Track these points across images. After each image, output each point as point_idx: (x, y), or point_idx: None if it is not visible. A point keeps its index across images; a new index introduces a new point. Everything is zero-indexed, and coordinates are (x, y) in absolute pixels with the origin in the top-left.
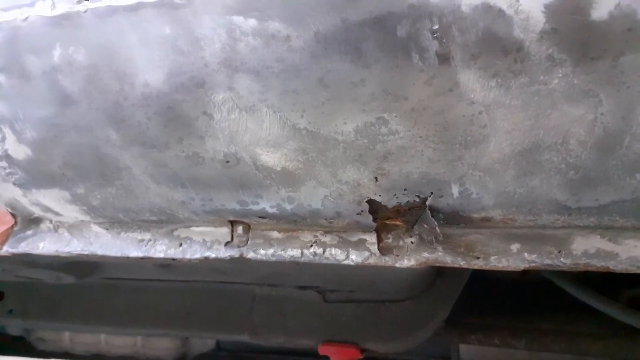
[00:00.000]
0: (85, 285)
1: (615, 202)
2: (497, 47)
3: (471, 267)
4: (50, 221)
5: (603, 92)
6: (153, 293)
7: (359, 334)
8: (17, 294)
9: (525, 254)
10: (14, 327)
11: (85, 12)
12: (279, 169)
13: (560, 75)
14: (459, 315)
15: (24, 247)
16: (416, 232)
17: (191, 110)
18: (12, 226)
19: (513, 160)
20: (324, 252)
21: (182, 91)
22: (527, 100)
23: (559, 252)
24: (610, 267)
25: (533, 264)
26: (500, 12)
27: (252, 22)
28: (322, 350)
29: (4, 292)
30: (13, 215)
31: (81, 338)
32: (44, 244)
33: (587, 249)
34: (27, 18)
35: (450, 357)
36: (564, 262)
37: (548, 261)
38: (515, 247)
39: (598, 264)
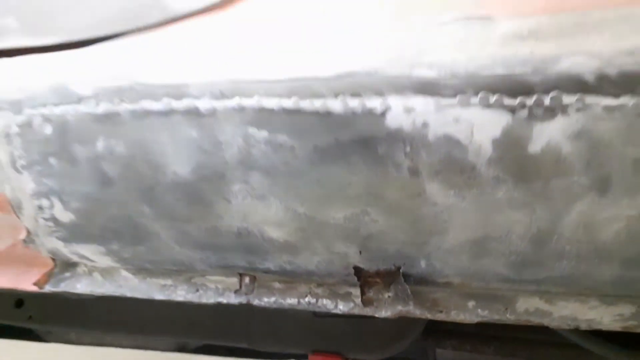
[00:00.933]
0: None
1: (548, 277)
2: (456, 167)
3: (436, 319)
4: (85, 265)
5: (536, 204)
6: (160, 304)
7: (344, 345)
8: (36, 301)
9: (479, 310)
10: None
11: (124, 112)
12: (281, 240)
13: (504, 190)
14: (435, 323)
15: (63, 287)
16: (392, 290)
17: (212, 196)
18: (52, 269)
19: (467, 246)
20: (317, 301)
21: (205, 181)
22: (478, 205)
23: (506, 309)
24: (545, 323)
25: (485, 318)
26: (458, 142)
27: (264, 133)
28: (312, 359)
29: (23, 299)
30: (53, 260)
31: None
32: (80, 285)
33: (528, 308)
34: (75, 113)
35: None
36: (509, 317)
37: (497, 316)
38: (471, 304)
39: (536, 320)
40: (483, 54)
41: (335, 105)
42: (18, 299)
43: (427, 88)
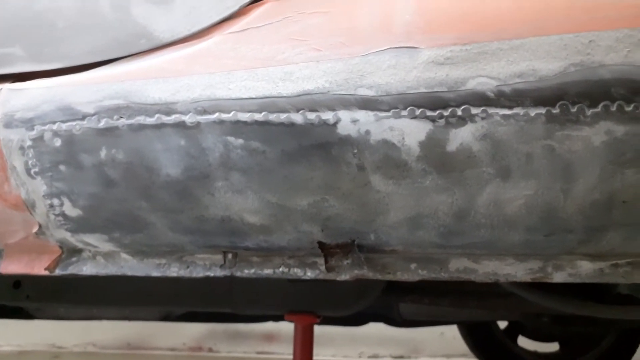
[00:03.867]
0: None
1: (471, 243)
2: (392, 163)
3: (386, 279)
4: (90, 251)
5: (456, 189)
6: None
7: (316, 304)
8: (32, 281)
9: (419, 270)
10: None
11: (122, 126)
12: (258, 224)
13: (430, 179)
14: (396, 281)
15: (70, 270)
16: (350, 259)
17: (199, 192)
18: (61, 255)
19: (405, 222)
20: (289, 270)
21: (193, 180)
22: (411, 191)
23: (441, 268)
24: (472, 278)
25: (424, 276)
26: (394, 144)
27: (241, 141)
28: (288, 317)
29: (20, 280)
30: (60, 247)
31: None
32: (86, 268)
33: (458, 267)
34: (80, 128)
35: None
36: (443, 275)
37: (434, 274)
38: (412, 266)
39: (465, 276)
40: (410, 77)
41: (297, 118)
42: (16, 281)
43: (368, 104)
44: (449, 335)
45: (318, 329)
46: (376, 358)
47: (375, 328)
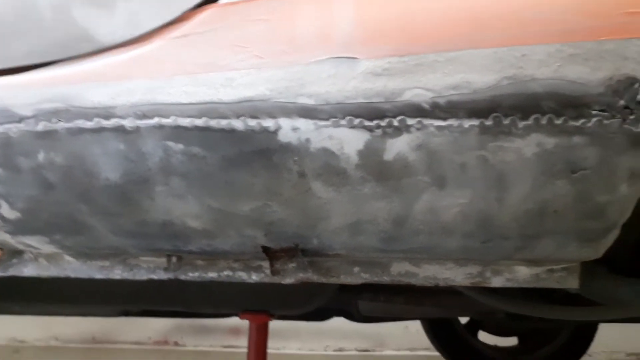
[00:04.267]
0: None
1: (410, 248)
2: (332, 171)
3: (330, 282)
4: (31, 252)
5: (394, 196)
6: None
7: (269, 303)
8: None
9: (362, 274)
10: None
11: (61, 129)
12: (200, 229)
13: (369, 187)
14: None
15: (11, 272)
16: (294, 262)
17: (139, 196)
18: (1, 256)
19: (346, 228)
20: (234, 274)
21: (133, 184)
22: (351, 198)
23: (383, 272)
24: (412, 282)
25: (367, 280)
26: (333, 153)
27: (181, 146)
28: (242, 316)
29: None
30: (0, 249)
31: None
32: (27, 269)
33: (400, 270)
34: (17, 131)
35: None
36: (385, 278)
37: (376, 278)
38: (356, 269)
39: (406, 279)
40: (349, 87)
41: (238, 124)
42: None
43: (308, 112)
44: (413, 330)
45: (284, 324)
46: (342, 351)
47: (341, 322)
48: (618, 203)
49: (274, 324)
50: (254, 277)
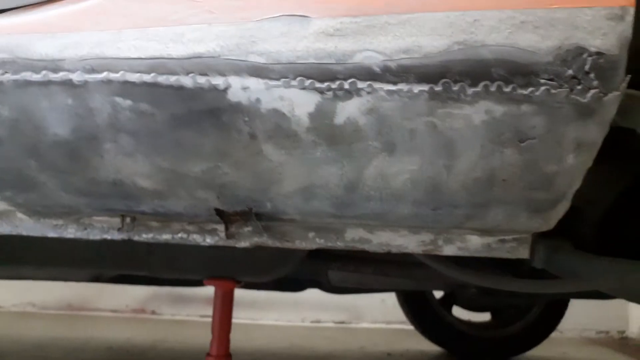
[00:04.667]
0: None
1: (363, 214)
2: (283, 133)
3: (284, 247)
4: None
5: (344, 161)
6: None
7: (236, 270)
8: None
9: (317, 239)
10: None
11: (7, 82)
12: (151, 189)
13: (320, 150)
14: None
15: None
16: (250, 226)
17: (89, 153)
18: None
19: (299, 192)
20: (188, 236)
21: (82, 141)
22: (303, 162)
23: (337, 237)
24: (366, 248)
25: (322, 245)
26: (284, 114)
27: (129, 102)
28: (207, 283)
29: None
30: None
31: None
32: None
33: (354, 237)
34: None
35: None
36: (339, 244)
37: (330, 243)
38: (311, 234)
39: (360, 246)
40: (300, 46)
41: (187, 81)
42: None
43: (258, 71)
44: (390, 303)
45: (262, 295)
46: (319, 323)
47: (318, 294)
48: (566, 174)
49: (252, 295)
50: (209, 240)
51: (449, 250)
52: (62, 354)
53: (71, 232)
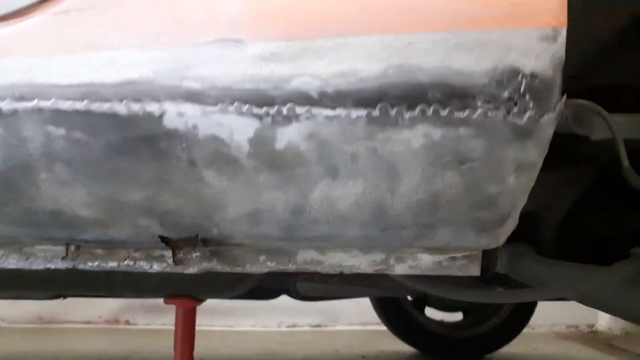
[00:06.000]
0: None
1: (312, 236)
2: (224, 159)
3: (235, 272)
4: None
5: (288, 186)
6: None
7: (195, 288)
8: None
9: (268, 262)
10: None
11: None
12: (92, 218)
13: (263, 176)
14: None
15: None
16: (198, 251)
17: (23, 183)
18: None
19: (245, 217)
20: (134, 263)
21: (15, 171)
22: (246, 187)
23: (289, 260)
24: (318, 269)
25: (273, 268)
26: (223, 140)
27: (62, 131)
28: (167, 302)
29: None
30: None
31: None
32: None
33: (306, 259)
34: None
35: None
36: (291, 266)
37: (282, 266)
38: (262, 258)
39: (311, 267)
40: (236, 71)
41: (121, 108)
42: None
43: (194, 97)
44: (365, 305)
45: (237, 301)
46: (295, 327)
47: (293, 299)
48: (508, 194)
49: (228, 303)
50: (156, 267)
51: (400, 269)
52: None
53: (12, 262)
